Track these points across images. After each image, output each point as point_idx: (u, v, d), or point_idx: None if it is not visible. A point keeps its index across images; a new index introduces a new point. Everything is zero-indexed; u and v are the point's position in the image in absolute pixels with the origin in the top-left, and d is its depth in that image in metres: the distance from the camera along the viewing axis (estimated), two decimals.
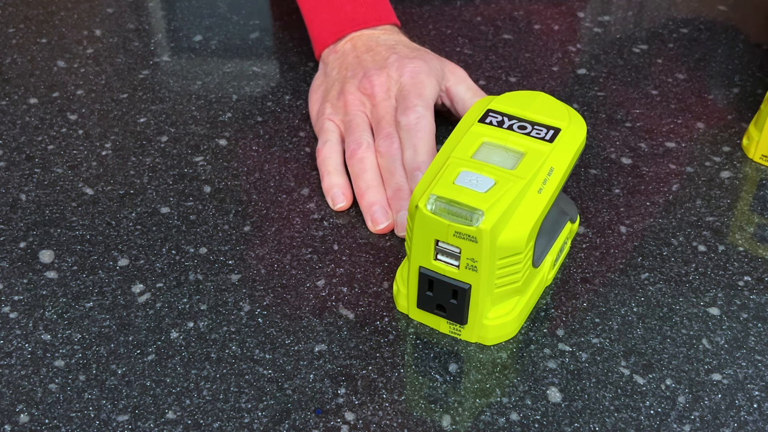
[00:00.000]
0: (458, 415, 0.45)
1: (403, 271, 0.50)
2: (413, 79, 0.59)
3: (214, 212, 0.57)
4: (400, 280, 0.50)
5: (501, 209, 0.44)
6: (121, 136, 0.64)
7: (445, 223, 0.44)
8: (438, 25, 0.77)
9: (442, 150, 0.48)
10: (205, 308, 0.50)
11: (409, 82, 0.59)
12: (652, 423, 0.44)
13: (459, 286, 0.46)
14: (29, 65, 0.72)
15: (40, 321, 0.49)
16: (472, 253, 0.44)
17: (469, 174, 0.46)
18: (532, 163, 0.47)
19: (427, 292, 0.47)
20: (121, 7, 0.80)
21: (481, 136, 0.48)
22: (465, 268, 0.45)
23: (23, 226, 0.56)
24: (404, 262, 0.51)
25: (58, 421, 0.44)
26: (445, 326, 0.49)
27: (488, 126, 0.49)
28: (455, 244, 0.45)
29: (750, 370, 0.47)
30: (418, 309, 0.49)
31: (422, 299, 0.48)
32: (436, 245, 0.45)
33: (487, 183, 0.45)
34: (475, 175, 0.46)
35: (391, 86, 0.59)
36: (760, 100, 0.69)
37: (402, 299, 0.50)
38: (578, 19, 0.80)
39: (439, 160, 0.48)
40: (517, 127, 0.49)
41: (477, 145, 0.48)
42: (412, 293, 0.48)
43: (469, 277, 0.46)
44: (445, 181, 0.45)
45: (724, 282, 0.53)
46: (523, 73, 0.71)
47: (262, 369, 0.47)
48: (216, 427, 0.44)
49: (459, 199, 0.44)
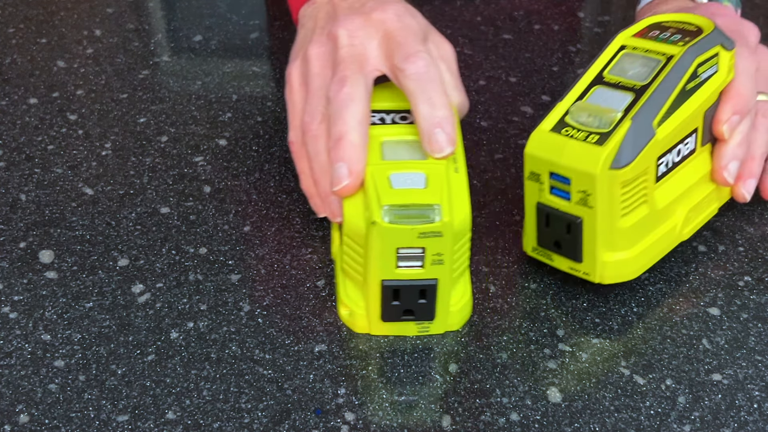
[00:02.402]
0: (458, 415, 0.45)
1: (352, 292, 0.48)
2: (401, 21, 0.51)
3: (214, 212, 0.57)
4: (350, 303, 0.48)
5: (447, 197, 0.45)
6: (121, 136, 0.64)
7: (408, 228, 0.44)
8: (438, 25, 0.77)
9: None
10: (205, 308, 0.50)
11: (398, 25, 0.51)
12: (652, 423, 0.44)
13: (428, 284, 0.46)
14: (29, 65, 0.72)
15: (40, 321, 0.49)
16: (437, 248, 0.45)
17: (399, 175, 0.46)
18: None
19: (393, 302, 0.47)
20: (121, 7, 0.80)
21: (374, 138, 0.49)
22: (431, 265, 0.45)
23: (23, 226, 0.56)
24: (343, 285, 0.49)
25: (58, 421, 0.44)
26: (413, 329, 0.48)
27: (376, 127, 0.49)
28: (419, 246, 0.44)
29: (750, 370, 0.47)
30: (381, 323, 0.48)
31: (388, 311, 0.47)
32: (396, 254, 0.45)
33: (419, 178, 0.46)
34: (406, 174, 0.46)
35: (365, 31, 0.51)
36: None
37: (359, 320, 0.48)
38: (578, 19, 0.80)
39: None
40: (399, 118, 0.50)
41: (379, 147, 0.48)
42: (374, 310, 0.47)
43: (435, 272, 0.46)
44: (383, 189, 0.45)
45: (724, 282, 0.53)
46: (523, 73, 0.71)
47: (262, 369, 0.47)
48: (216, 427, 0.44)
49: (410, 201, 0.44)
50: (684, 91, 0.48)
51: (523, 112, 0.67)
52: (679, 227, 0.52)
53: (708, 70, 0.50)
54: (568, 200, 0.47)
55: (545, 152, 0.47)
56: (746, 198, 0.54)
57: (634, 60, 0.50)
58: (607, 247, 0.48)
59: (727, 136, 0.52)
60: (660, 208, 0.50)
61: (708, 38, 0.50)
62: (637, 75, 0.49)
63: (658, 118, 0.47)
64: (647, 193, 0.48)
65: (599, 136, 0.46)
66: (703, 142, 0.52)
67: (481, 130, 0.65)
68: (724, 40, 0.50)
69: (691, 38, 0.50)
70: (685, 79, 0.48)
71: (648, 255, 0.50)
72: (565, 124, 0.48)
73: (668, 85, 0.48)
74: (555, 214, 0.48)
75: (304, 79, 0.52)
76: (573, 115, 0.48)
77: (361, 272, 0.47)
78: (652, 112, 0.47)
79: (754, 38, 0.56)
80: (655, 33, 0.51)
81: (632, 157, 0.46)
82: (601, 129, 0.47)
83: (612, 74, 0.50)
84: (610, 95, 0.48)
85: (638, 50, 0.50)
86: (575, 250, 0.49)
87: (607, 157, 0.45)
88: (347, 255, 0.47)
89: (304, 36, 0.54)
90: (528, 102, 0.68)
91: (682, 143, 0.50)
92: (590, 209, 0.46)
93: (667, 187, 0.50)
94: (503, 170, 0.61)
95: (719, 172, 0.52)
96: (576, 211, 0.47)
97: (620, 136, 0.46)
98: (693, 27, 0.51)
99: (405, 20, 0.51)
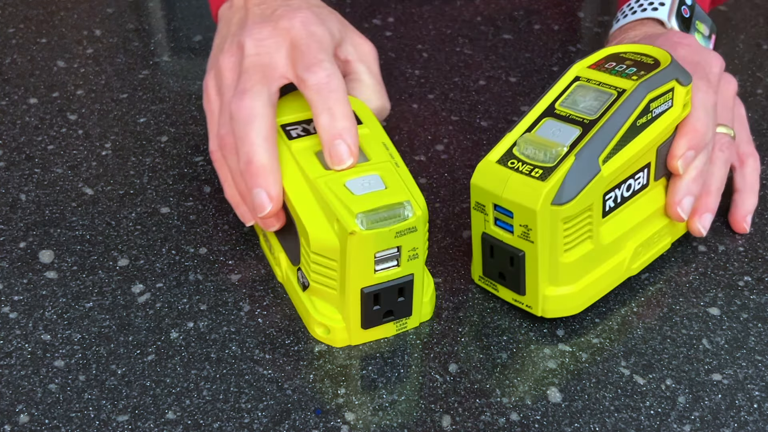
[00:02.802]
0: (458, 415, 0.45)
1: (325, 309, 0.48)
2: (307, 29, 0.50)
3: (214, 212, 0.57)
4: (326, 320, 0.47)
5: (408, 191, 0.45)
6: (121, 136, 0.64)
7: (386, 230, 0.44)
8: (438, 25, 0.77)
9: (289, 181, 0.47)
10: (205, 308, 0.50)
11: (303, 33, 0.50)
12: (652, 423, 0.44)
13: (405, 281, 0.46)
14: (29, 65, 0.72)
15: (40, 321, 0.49)
16: (412, 243, 0.45)
17: (355, 181, 0.46)
18: (371, 147, 0.48)
19: (373, 308, 0.46)
20: (121, 7, 0.80)
21: (307, 150, 0.48)
22: (407, 261, 0.45)
23: (23, 226, 0.56)
24: (312, 305, 0.48)
25: (58, 421, 0.44)
26: (392, 329, 0.49)
27: (299, 140, 0.48)
28: (395, 245, 0.45)
29: (750, 370, 0.47)
30: (361, 331, 0.48)
31: (368, 317, 0.47)
32: (374, 258, 0.45)
33: (375, 180, 0.46)
34: (360, 179, 0.46)
35: (273, 40, 0.50)
36: (760, 100, 0.69)
37: (339, 334, 0.47)
38: (578, 19, 0.80)
39: (299, 189, 0.47)
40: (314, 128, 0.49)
41: (315, 158, 0.47)
42: (354, 320, 0.47)
43: (411, 267, 0.46)
44: (347, 198, 0.45)
45: (724, 282, 0.53)
46: (523, 73, 0.71)
47: (262, 369, 0.47)
48: (216, 427, 0.44)
49: (380, 204, 0.44)
50: (634, 126, 0.47)
51: (523, 112, 0.67)
52: (627, 262, 0.50)
53: (661, 106, 0.48)
54: (511, 233, 0.47)
55: (490, 184, 0.46)
56: (702, 233, 0.53)
57: (586, 92, 0.49)
58: (550, 281, 0.47)
59: (682, 171, 0.50)
60: (606, 243, 0.48)
61: (663, 73, 0.48)
62: (587, 108, 0.48)
63: (605, 154, 0.46)
64: (592, 228, 0.47)
65: (543, 171, 0.45)
66: (656, 177, 0.51)
67: (481, 130, 0.65)
68: (680, 74, 0.49)
69: (646, 72, 0.49)
70: (635, 114, 0.47)
71: (593, 290, 0.49)
72: (511, 155, 0.47)
73: (617, 121, 0.46)
74: (499, 245, 0.48)
75: (219, 89, 0.52)
76: (520, 147, 0.47)
77: (336, 286, 0.46)
78: (598, 148, 0.46)
79: (718, 69, 0.54)
80: (611, 65, 0.50)
81: (574, 194, 0.45)
82: (545, 163, 0.46)
83: (563, 106, 0.49)
84: (558, 128, 0.47)
85: (591, 82, 0.49)
86: (518, 283, 0.48)
87: (548, 192, 0.44)
88: (317, 273, 0.46)
89: (218, 45, 0.54)
90: (528, 102, 0.68)
91: (633, 178, 0.49)
92: (532, 244, 0.46)
93: (615, 223, 0.49)
94: None
95: (673, 207, 0.51)
96: (518, 244, 0.47)
97: (563, 171, 0.45)
98: (650, 60, 0.50)
99: (311, 28, 0.50)
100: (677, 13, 0.60)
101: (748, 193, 0.56)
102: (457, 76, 0.71)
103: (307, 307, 0.48)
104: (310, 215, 0.46)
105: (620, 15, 0.63)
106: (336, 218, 0.44)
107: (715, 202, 0.53)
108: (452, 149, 0.63)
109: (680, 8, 0.60)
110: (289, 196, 0.47)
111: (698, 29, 0.61)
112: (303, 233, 0.46)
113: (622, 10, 0.63)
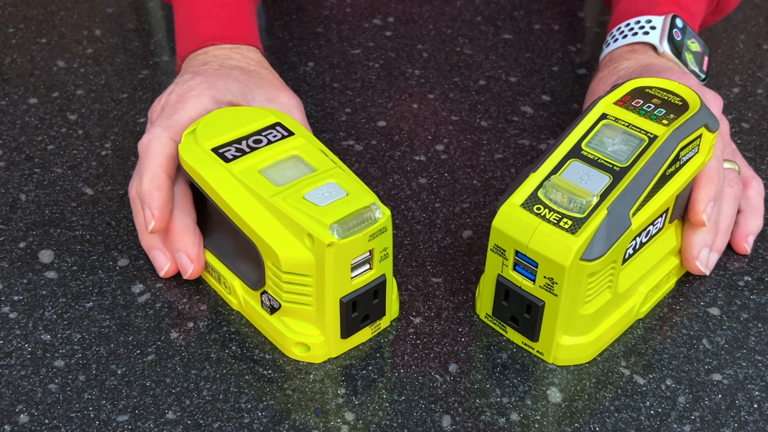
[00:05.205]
0: (458, 415, 0.45)
1: (301, 328, 0.47)
2: (180, 96, 0.52)
3: None
4: (304, 338, 0.46)
5: (370, 194, 0.45)
6: (121, 136, 0.64)
7: (360, 236, 0.43)
8: (438, 25, 0.77)
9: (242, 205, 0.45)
10: (205, 308, 0.50)
11: (173, 99, 0.53)
12: (652, 423, 0.44)
13: (379, 282, 0.46)
14: (29, 65, 0.72)
15: (40, 321, 0.49)
16: (383, 244, 0.45)
17: (314, 192, 0.45)
18: (312, 156, 0.47)
19: (352, 315, 0.46)
20: (121, 7, 0.80)
21: (250, 170, 0.46)
22: (380, 262, 0.45)
23: (23, 226, 0.56)
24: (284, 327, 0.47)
25: (58, 421, 0.44)
26: (368, 333, 0.48)
27: (238, 161, 0.47)
28: (368, 249, 0.44)
29: (750, 370, 0.47)
30: (340, 341, 0.47)
31: (348, 326, 0.46)
32: (350, 266, 0.44)
33: (334, 187, 0.45)
34: (318, 189, 0.45)
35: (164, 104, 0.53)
36: (760, 100, 0.69)
37: (319, 350, 0.47)
38: (578, 19, 0.80)
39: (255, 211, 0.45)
40: (252, 143, 0.48)
41: (261, 177, 0.46)
42: (333, 332, 0.46)
43: (382, 268, 0.46)
44: (313, 210, 0.43)
45: (724, 282, 0.53)
46: (523, 73, 0.71)
47: (262, 369, 0.47)
48: (216, 427, 0.44)
49: (349, 210, 0.44)
50: (664, 175, 0.46)
51: (523, 112, 0.67)
52: (638, 307, 0.49)
53: (689, 153, 0.47)
54: (532, 282, 0.45)
55: (514, 230, 0.44)
56: (705, 273, 0.52)
57: (614, 134, 0.47)
58: (566, 331, 0.46)
59: (707, 223, 0.50)
60: (622, 291, 0.47)
61: (693, 119, 0.47)
62: (616, 153, 0.46)
63: (635, 207, 0.44)
64: (613, 279, 0.46)
65: (572, 222, 0.43)
66: (671, 220, 0.50)
67: (481, 130, 0.65)
68: (709, 119, 0.47)
69: (676, 115, 0.47)
70: (667, 164, 0.45)
71: (605, 338, 0.48)
72: (537, 200, 0.45)
73: (649, 172, 0.45)
74: (516, 292, 0.46)
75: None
76: (547, 190, 0.45)
77: (312, 301, 0.45)
78: (630, 202, 0.44)
79: (718, 109, 0.53)
80: (638, 102, 0.49)
81: (605, 250, 0.43)
82: (574, 213, 0.43)
83: (590, 147, 0.47)
84: (587, 173, 0.45)
85: (620, 122, 0.48)
86: (533, 330, 0.46)
87: (579, 248, 0.42)
88: (290, 292, 0.45)
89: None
90: (528, 102, 0.68)
91: (653, 224, 0.48)
92: (554, 296, 0.44)
93: (632, 269, 0.48)
94: (503, 170, 0.61)
95: (691, 262, 0.51)
96: (539, 294, 0.45)
97: (594, 226, 0.43)
98: (678, 99, 0.49)
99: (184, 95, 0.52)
100: (669, 36, 0.59)
101: (752, 214, 0.55)
102: (457, 76, 0.71)
103: (279, 329, 0.47)
104: (273, 236, 0.44)
105: (610, 39, 0.62)
106: (307, 233, 0.43)
107: (723, 240, 0.53)
108: (452, 149, 0.63)
109: (671, 31, 0.59)
110: (245, 220, 0.45)
111: (690, 48, 0.60)
112: (269, 255, 0.45)
113: (612, 34, 0.62)
